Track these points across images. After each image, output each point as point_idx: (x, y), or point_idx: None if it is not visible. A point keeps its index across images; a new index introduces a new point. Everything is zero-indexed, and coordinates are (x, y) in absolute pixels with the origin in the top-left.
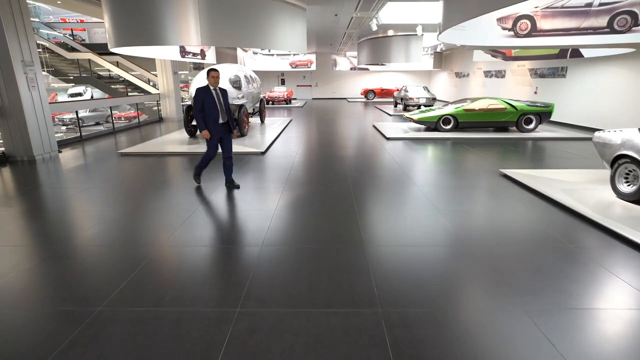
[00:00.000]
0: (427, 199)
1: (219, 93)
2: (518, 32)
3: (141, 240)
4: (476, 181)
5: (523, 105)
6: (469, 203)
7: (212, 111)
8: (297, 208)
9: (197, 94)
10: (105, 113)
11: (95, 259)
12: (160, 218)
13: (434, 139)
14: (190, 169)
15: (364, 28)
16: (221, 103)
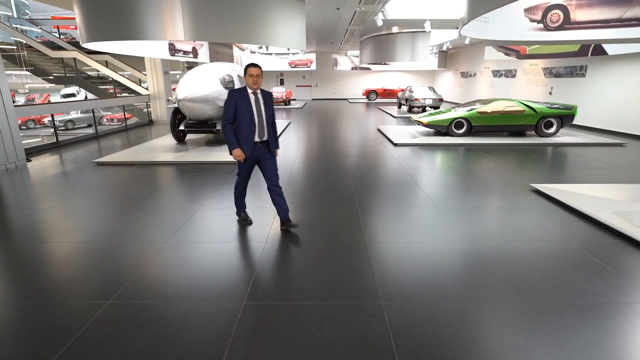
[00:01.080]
0: (453, 226)
1: (259, 99)
2: (548, 25)
3: (110, 277)
4: (505, 198)
5: (543, 108)
6: (506, 232)
7: (246, 124)
8: (292, 242)
9: (229, 99)
10: (97, 114)
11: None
12: (134, 248)
13: (446, 145)
14: (177, 180)
15: (368, 24)
16: (261, 113)
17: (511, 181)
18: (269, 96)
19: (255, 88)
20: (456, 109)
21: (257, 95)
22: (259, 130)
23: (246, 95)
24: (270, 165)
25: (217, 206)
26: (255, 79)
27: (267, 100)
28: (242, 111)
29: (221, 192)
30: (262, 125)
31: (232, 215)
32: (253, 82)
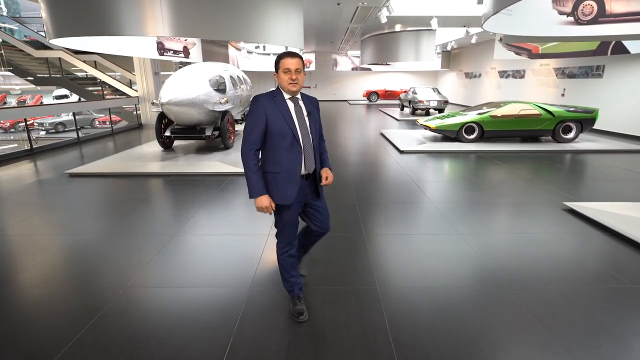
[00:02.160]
0: (481, 263)
1: (301, 108)
2: (580, 18)
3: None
4: (536, 221)
5: (561, 111)
6: (548, 272)
7: (286, 148)
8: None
9: (256, 108)
10: (89, 117)
11: None
12: (77, 302)
13: (456, 152)
14: (157, 195)
15: (370, 22)
16: (307, 130)
17: (538, 197)
18: (315, 104)
19: (294, 91)
20: (466, 113)
21: (297, 103)
22: (306, 157)
23: (282, 102)
24: (321, 208)
25: (197, 231)
26: (293, 76)
27: (314, 111)
28: (279, 128)
29: (204, 212)
30: (310, 149)
31: (216, 244)
32: (291, 81)
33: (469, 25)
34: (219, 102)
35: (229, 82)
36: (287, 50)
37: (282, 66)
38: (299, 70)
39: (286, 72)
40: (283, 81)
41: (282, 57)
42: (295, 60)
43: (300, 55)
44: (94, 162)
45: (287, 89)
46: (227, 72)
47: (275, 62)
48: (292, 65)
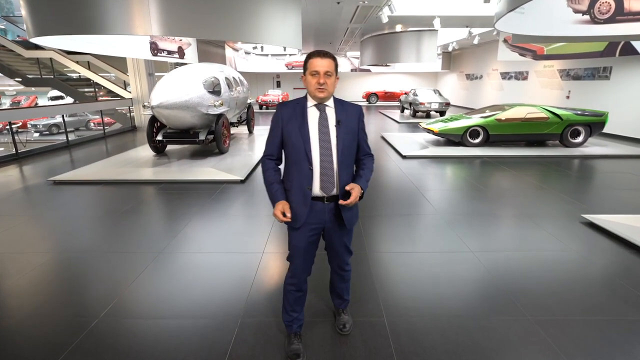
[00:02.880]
0: (498, 288)
1: (327, 119)
2: (596, 16)
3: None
4: (553, 236)
5: (569, 114)
6: (569, 296)
7: (297, 163)
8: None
9: (274, 119)
10: (85, 118)
11: None
12: (48, 328)
13: (461, 157)
14: (144, 206)
15: (371, 21)
16: (329, 145)
17: (552, 208)
18: (353, 112)
19: (321, 97)
20: (470, 116)
21: (324, 111)
22: (321, 175)
23: (303, 110)
24: (338, 239)
25: (185, 248)
26: (322, 80)
27: (349, 120)
28: (293, 140)
29: (194, 225)
30: (329, 167)
31: (205, 264)
32: (318, 85)
33: (471, 25)
34: (213, 105)
35: (224, 84)
36: (318, 49)
37: (310, 67)
38: (329, 74)
39: (314, 74)
40: (310, 85)
41: (310, 57)
42: (325, 62)
43: (333, 55)
44: (81, 168)
45: (314, 94)
46: (222, 73)
47: (304, 62)
48: (321, 67)
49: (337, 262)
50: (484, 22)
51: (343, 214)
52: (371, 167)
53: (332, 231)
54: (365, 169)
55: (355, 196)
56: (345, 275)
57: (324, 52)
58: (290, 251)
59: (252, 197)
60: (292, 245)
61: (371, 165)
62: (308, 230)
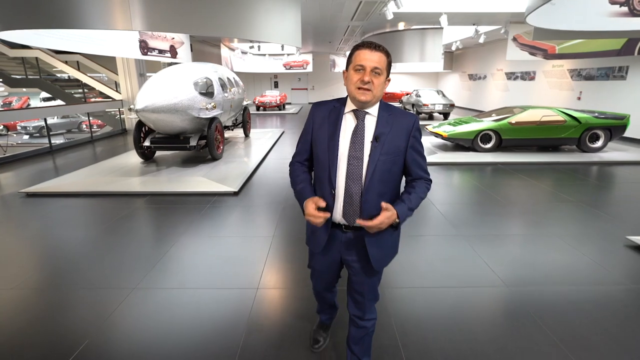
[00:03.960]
0: (548, 339)
1: (363, 128)
2: (635, 8)
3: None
4: (598, 264)
5: (588, 117)
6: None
7: (321, 180)
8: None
9: (308, 119)
10: (77, 120)
11: None
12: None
13: (473, 164)
14: (123, 224)
15: (372, 19)
16: (360, 162)
17: (588, 227)
18: (405, 126)
19: (362, 101)
20: (481, 119)
21: (362, 120)
22: (345, 202)
23: (337, 115)
24: (362, 281)
25: (165, 282)
26: (366, 78)
27: (394, 136)
28: (319, 151)
29: (178, 251)
30: (356, 193)
31: (187, 305)
32: (360, 84)
33: (478, 23)
34: (205, 108)
35: (218, 85)
36: (368, 40)
37: (355, 60)
38: (378, 71)
39: (358, 70)
40: (350, 83)
41: (357, 48)
42: (376, 56)
43: (387, 50)
44: (59, 177)
45: (354, 95)
46: (216, 73)
47: (349, 55)
48: (369, 61)
49: (356, 308)
50: (491, 20)
51: (369, 248)
52: (422, 193)
53: (354, 269)
54: (412, 192)
55: (382, 221)
56: (364, 328)
57: (376, 44)
58: (311, 270)
59: (246, 213)
60: (311, 265)
61: (423, 190)
62: (328, 258)
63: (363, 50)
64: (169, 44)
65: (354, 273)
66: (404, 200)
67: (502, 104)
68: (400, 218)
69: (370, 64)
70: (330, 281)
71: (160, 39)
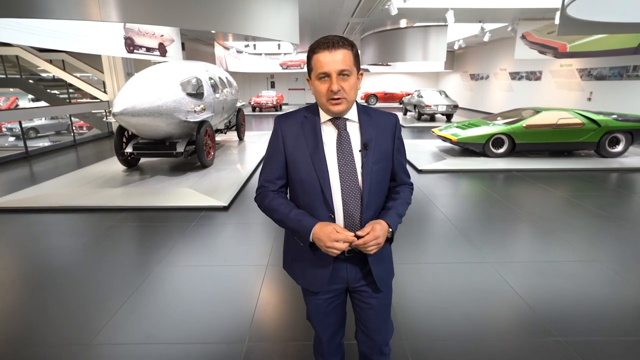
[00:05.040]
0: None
1: (348, 138)
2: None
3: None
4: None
5: (607, 120)
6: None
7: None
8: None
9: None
10: (67, 121)
11: None
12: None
13: (487, 171)
14: (100, 245)
15: (374, 16)
16: (355, 177)
17: (632, 249)
18: (388, 126)
19: (339, 111)
20: (493, 122)
21: (344, 129)
22: (345, 223)
23: (314, 128)
24: (373, 308)
25: (126, 336)
26: (335, 87)
27: (381, 139)
28: (302, 173)
29: (149, 288)
30: (355, 213)
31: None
32: (331, 96)
33: (484, 20)
34: (194, 111)
35: (208, 85)
36: (324, 37)
37: (316, 67)
38: (346, 73)
39: (322, 78)
40: (319, 95)
41: (314, 51)
42: (338, 54)
43: (348, 41)
44: (28, 188)
45: (327, 108)
46: (207, 72)
47: (307, 58)
48: (331, 64)
49: (369, 343)
50: (498, 16)
51: (372, 268)
52: (407, 198)
53: (360, 295)
54: (398, 199)
55: (376, 235)
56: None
57: (334, 39)
58: (308, 315)
59: (236, 233)
60: (309, 309)
61: (408, 195)
62: (326, 293)
63: (322, 53)
64: (158, 42)
65: (365, 303)
66: (391, 208)
67: (506, 105)
68: (392, 228)
69: (334, 67)
70: (337, 326)
71: (148, 35)
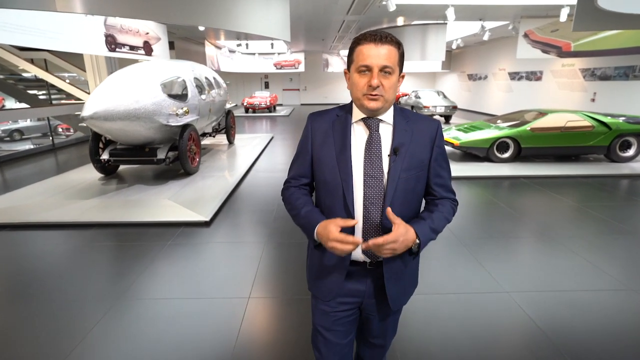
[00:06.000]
0: None
1: (378, 141)
2: None
3: None
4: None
5: (619, 122)
6: None
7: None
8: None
9: (303, 134)
10: (54, 123)
11: None
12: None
13: (492, 178)
14: (58, 272)
15: (370, 13)
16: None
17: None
18: (428, 133)
19: (374, 108)
20: (497, 125)
21: (376, 130)
22: (365, 232)
23: (344, 127)
24: (379, 326)
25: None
26: (375, 82)
27: (416, 146)
28: (325, 174)
29: (100, 334)
30: (375, 218)
31: None
32: (368, 91)
33: (485, 17)
34: (176, 114)
35: (192, 86)
36: (371, 30)
37: (358, 60)
38: (388, 70)
39: (362, 72)
40: (356, 89)
41: (358, 42)
42: (384, 50)
43: (397, 40)
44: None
45: (361, 102)
46: (192, 72)
47: (349, 49)
48: (375, 58)
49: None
50: (499, 14)
51: (387, 285)
52: (447, 214)
53: (369, 311)
54: (435, 211)
55: (395, 238)
56: None
57: (382, 34)
58: (313, 334)
59: (216, 254)
60: (315, 322)
61: (449, 211)
62: (338, 304)
63: (366, 45)
64: (143, 40)
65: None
66: (425, 218)
67: (505, 106)
68: (421, 238)
69: (377, 62)
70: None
71: (132, 33)
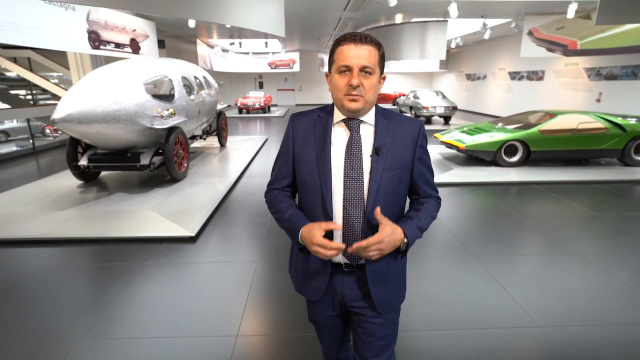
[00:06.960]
0: None
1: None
2: None
3: None
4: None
5: (634, 124)
6: None
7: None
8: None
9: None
10: (41, 124)
11: None
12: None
13: (503, 184)
14: (38, 296)
15: (368, 10)
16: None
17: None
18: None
19: (355, 109)
20: (504, 127)
21: (357, 131)
22: (345, 236)
23: (324, 128)
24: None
25: None
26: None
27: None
28: (305, 174)
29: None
30: (357, 223)
31: None
32: (348, 91)
33: (487, 15)
34: (161, 116)
35: (179, 86)
36: (351, 32)
37: (338, 60)
38: (368, 71)
39: (343, 72)
40: (337, 89)
41: (339, 43)
42: (364, 50)
43: (377, 41)
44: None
45: (342, 103)
46: (180, 71)
47: (330, 51)
48: (354, 58)
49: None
50: (502, 11)
51: (371, 287)
52: (432, 212)
53: (357, 317)
54: (421, 210)
55: (381, 238)
56: None
57: (362, 35)
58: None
59: (200, 277)
60: (311, 318)
61: (434, 209)
62: (328, 302)
63: (346, 46)
64: (129, 37)
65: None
66: (412, 217)
67: (505, 106)
68: (409, 237)
69: (357, 62)
70: (342, 335)
71: (117, 30)
